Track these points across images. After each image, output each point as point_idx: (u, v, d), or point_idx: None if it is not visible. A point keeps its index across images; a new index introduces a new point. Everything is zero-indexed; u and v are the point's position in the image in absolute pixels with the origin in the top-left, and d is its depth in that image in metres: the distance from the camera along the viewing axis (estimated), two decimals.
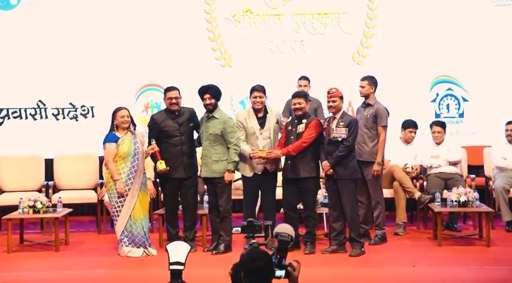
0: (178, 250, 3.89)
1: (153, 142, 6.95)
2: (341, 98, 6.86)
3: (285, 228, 3.76)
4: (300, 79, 8.26)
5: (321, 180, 7.28)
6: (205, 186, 7.36)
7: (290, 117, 7.50)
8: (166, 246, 3.95)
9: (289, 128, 7.02)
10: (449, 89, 9.32)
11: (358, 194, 7.25)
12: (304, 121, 6.93)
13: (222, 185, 6.98)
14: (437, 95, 9.33)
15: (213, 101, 6.98)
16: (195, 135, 7.24)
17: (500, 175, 8.17)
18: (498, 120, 8.71)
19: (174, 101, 7.04)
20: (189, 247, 3.96)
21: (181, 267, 3.84)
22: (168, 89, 7.14)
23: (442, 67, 9.29)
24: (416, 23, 9.26)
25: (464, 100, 9.33)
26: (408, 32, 9.26)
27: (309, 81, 8.24)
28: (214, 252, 6.97)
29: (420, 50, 9.24)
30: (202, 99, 7.03)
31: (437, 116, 9.22)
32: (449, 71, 9.31)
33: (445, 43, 9.23)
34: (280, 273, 3.59)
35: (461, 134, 9.26)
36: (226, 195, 7.00)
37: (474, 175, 8.52)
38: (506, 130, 8.30)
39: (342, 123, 6.76)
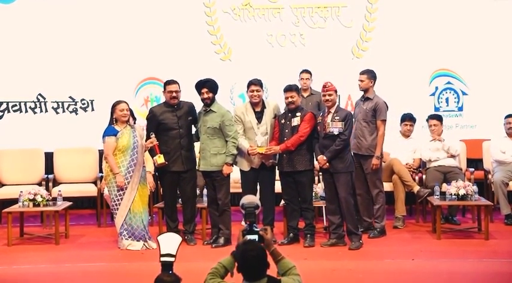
0: (170, 242, 3.85)
1: (153, 136, 6.95)
2: (335, 91, 6.87)
3: (249, 198, 4.02)
4: (302, 72, 8.26)
5: (319, 173, 7.28)
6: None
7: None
8: (158, 238, 3.91)
9: (283, 121, 7.01)
10: (449, 83, 9.32)
11: (358, 188, 7.27)
12: (298, 114, 6.93)
13: (221, 178, 6.98)
14: (437, 88, 9.33)
15: (210, 94, 6.99)
16: (193, 129, 7.24)
17: (499, 168, 8.17)
18: (497, 114, 8.72)
19: (174, 94, 7.04)
20: (181, 239, 3.91)
21: (172, 259, 3.79)
22: (168, 83, 7.14)
23: (441, 61, 9.28)
24: (415, 16, 9.25)
25: (464, 93, 9.33)
26: (407, 25, 9.25)
27: (311, 74, 8.26)
28: (213, 245, 6.98)
29: (419, 43, 9.23)
30: (200, 93, 7.03)
31: (436, 109, 9.22)
32: (448, 64, 9.30)
33: (444, 37, 9.23)
34: (253, 237, 3.74)
35: (460, 127, 9.27)
36: (224, 188, 7.01)
37: (473, 169, 8.54)
38: (506, 123, 8.30)
39: (338, 117, 6.77)
